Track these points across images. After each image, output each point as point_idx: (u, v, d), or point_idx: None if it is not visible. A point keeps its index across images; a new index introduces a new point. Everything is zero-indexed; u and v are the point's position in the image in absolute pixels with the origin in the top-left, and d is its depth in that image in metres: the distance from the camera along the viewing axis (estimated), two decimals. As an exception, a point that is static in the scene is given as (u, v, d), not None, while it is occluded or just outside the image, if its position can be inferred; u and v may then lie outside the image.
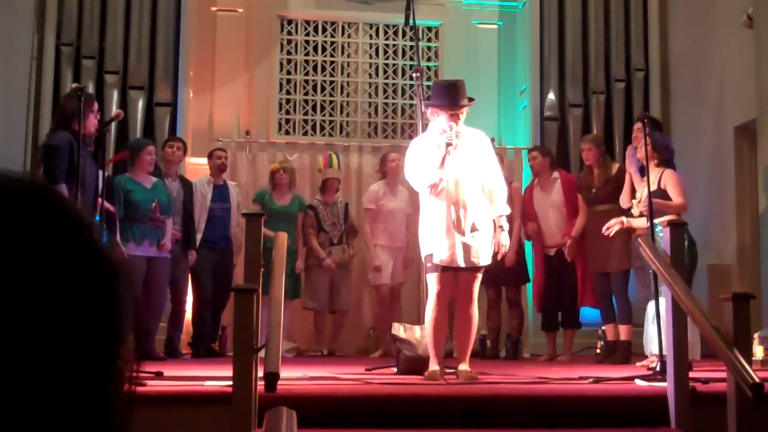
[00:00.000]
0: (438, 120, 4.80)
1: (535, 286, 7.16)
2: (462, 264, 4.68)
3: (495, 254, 4.87)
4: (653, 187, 5.70)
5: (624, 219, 5.83)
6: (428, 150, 4.75)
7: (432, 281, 4.76)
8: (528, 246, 7.35)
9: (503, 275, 7.04)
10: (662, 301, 4.73)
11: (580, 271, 6.75)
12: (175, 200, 6.75)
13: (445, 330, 4.85)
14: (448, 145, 4.65)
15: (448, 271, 4.72)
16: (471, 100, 4.84)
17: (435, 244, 4.70)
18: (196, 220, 6.99)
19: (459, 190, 4.70)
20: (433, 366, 4.69)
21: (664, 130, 8.26)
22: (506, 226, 4.86)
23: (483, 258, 4.74)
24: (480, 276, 4.81)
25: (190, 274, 6.90)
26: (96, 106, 5.30)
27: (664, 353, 4.29)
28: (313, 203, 7.68)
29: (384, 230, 7.49)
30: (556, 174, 7.13)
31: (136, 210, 6.32)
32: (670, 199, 5.68)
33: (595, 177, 6.59)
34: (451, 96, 4.80)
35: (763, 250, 6.64)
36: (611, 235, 5.87)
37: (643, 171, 5.80)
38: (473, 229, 4.69)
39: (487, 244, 4.77)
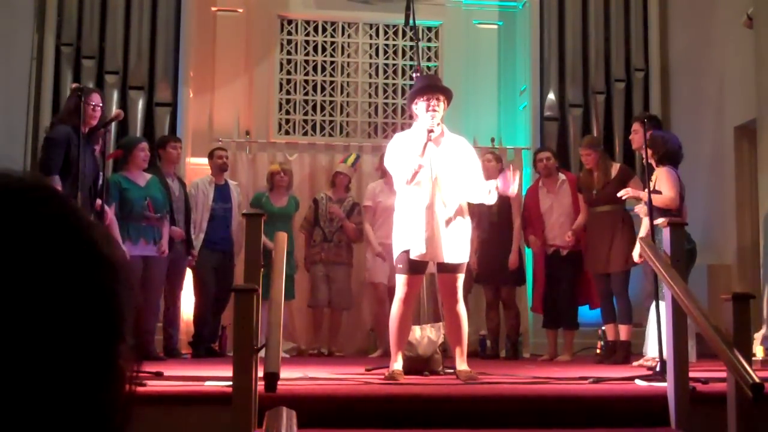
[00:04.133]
0: (418, 111, 4.79)
1: (535, 286, 7.16)
2: (436, 258, 4.66)
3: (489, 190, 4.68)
4: (653, 187, 5.71)
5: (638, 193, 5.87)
6: (410, 142, 4.74)
7: (399, 283, 4.71)
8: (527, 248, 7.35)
9: (500, 276, 7.05)
10: (662, 303, 4.73)
11: (578, 272, 6.76)
12: (178, 200, 6.75)
13: (408, 331, 4.83)
14: (430, 131, 4.64)
15: (416, 273, 4.69)
16: (448, 93, 4.83)
17: (410, 238, 4.66)
18: (197, 220, 7.00)
19: (437, 186, 4.68)
20: (395, 366, 4.69)
21: (664, 130, 8.28)
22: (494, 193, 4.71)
23: (458, 256, 4.70)
24: (461, 276, 4.76)
25: (187, 274, 6.89)
26: (95, 98, 5.24)
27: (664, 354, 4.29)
28: (318, 197, 7.71)
29: (380, 227, 7.49)
30: (562, 176, 7.12)
31: (131, 209, 6.30)
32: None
33: (595, 178, 6.59)
34: (428, 82, 4.90)
35: (763, 250, 6.63)
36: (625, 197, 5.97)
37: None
38: (448, 226, 4.66)
39: (462, 243, 4.73)
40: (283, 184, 7.45)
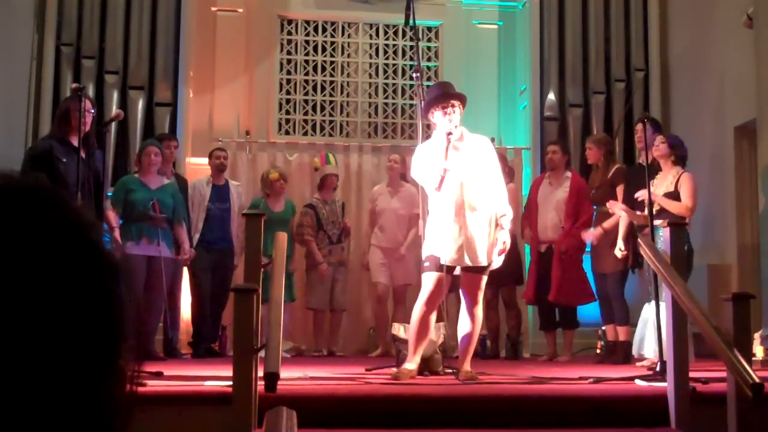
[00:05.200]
0: (436, 119, 4.81)
1: (528, 281, 7.12)
2: (468, 263, 4.66)
3: (500, 252, 4.80)
4: (670, 189, 5.74)
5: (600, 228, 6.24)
6: (433, 151, 4.76)
7: (428, 281, 4.68)
8: (526, 247, 7.34)
9: (498, 276, 7.03)
10: (662, 304, 4.73)
11: (559, 269, 6.72)
12: (175, 200, 6.77)
13: (427, 333, 4.80)
14: (449, 134, 4.65)
15: (444, 272, 4.68)
16: (462, 98, 4.84)
17: (441, 244, 4.66)
18: (193, 220, 7.01)
19: (463, 191, 4.70)
20: (410, 365, 4.65)
21: (664, 130, 8.28)
22: (507, 226, 4.83)
23: (485, 258, 4.73)
24: (485, 278, 4.78)
25: (185, 274, 6.90)
26: (87, 104, 5.20)
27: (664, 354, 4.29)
28: (312, 202, 7.67)
29: (379, 230, 7.49)
30: (568, 173, 7.10)
31: (134, 208, 6.32)
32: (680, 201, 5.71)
33: (597, 176, 6.64)
34: (441, 90, 4.90)
35: (763, 250, 6.64)
36: (594, 243, 6.32)
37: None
38: (477, 229, 4.69)
39: (489, 244, 4.75)
40: (282, 190, 7.45)
